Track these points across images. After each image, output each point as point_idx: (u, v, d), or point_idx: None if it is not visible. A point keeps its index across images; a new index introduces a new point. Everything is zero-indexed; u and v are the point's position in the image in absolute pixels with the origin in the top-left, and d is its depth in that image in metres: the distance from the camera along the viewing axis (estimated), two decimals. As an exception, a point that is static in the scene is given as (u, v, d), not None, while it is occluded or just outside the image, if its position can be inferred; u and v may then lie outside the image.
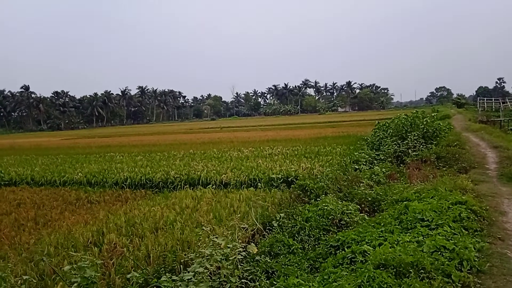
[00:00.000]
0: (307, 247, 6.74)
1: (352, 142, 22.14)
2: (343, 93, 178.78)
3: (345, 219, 7.62)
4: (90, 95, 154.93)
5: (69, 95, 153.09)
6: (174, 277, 4.38)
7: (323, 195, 9.11)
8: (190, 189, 13.08)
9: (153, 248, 6.82)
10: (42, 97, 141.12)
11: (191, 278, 4.24)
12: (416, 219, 6.82)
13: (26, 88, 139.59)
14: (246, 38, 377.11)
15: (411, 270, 4.79)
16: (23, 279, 4.32)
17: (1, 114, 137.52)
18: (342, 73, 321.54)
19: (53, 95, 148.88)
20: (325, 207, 7.78)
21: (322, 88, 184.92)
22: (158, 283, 4.61)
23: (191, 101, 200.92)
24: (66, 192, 14.04)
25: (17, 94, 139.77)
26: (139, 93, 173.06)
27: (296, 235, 7.13)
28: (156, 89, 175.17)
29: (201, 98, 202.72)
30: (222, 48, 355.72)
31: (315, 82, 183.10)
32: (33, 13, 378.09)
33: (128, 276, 4.49)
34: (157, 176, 14.70)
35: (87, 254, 6.36)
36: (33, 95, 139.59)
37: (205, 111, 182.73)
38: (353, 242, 6.10)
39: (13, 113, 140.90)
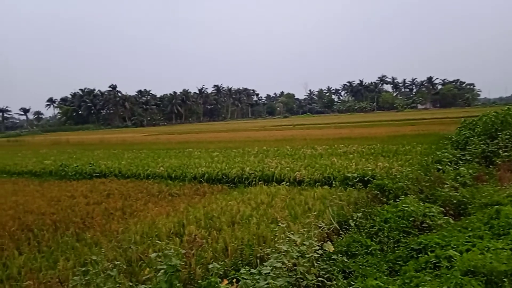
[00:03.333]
0: (386, 248, 6.52)
1: (433, 141, 20.93)
2: (424, 89, 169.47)
3: (427, 221, 7.25)
4: (170, 94, 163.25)
5: (151, 93, 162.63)
6: (252, 270, 4.47)
7: (403, 196, 8.75)
8: (264, 185, 13.26)
9: (230, 242, 7.02)
10: (127, 95, 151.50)
11: (269, 273, 4.30)
12: (509, 225, 6.28)
13: (114, 87, 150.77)
14: (320, 33, 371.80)
15: (505, 280, 4.42)
16: (114, 264, 4.67)
17: (92, 111, 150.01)
18: (422, 68, 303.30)
19: (137, 94, 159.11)
20: (405, 208, 7.47)
21: (400, 84, 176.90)
22: (236, 275, 4.75)
23: (264, 98, 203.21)
24: (150, 184, 14.90)
25: (106, 93, 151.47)
26: (215, 91, 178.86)
27: (374, 236, 6.93)
28: (231, 88, 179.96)
29: (274, 95, 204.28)
30: (295, 44, 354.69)
31: (393, 78, 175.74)
32: (118, 15, 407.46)
33: (210, 266, 4.67)
34: (232, 171, 15.07)
35: (170, 243, 6.73)
36: (119, 94, 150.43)
37: (277, 108, 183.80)
38: (437, 246, 5.78)
39: (102, 111, 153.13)
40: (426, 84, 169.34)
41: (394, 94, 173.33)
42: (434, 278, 4.80)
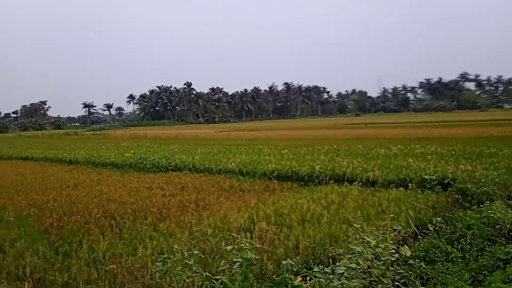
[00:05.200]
0: (468, 257, 6.09)
1: (523, 144, 19.18)
2: (511, 87, 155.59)
3: (516, 230, 6.66)
4: (241, 91, 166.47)
5: (223, 91, 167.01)
6: (325, 269, 4.42)
7: (488, 202, 8.14)
8: (335, 184, 13.01)
9: (301, 240, 6.99)
10: (201, 93, 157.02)
11: (343, 273, 4.21)
12: None
13: (189, 84, 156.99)
14: (396, 29, 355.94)
15: None
16: (193, 253, 4.85)
17: (168, 108, 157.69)
18: (508, 66, 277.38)
19: (209, 91, 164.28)
20: (491, 215, 6.95)
21: (484, 82, 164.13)
22: (308, 274, 4.71)
23: (335, 96, 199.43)
24: (221, 179, 15.26)
25: (181, 90, 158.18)
26: (285, 88, 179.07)
27: (455, 242, 6.51)
28: (301, 85, 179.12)
29: (345, 93, 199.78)
30: (370, 41, 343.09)
31: (476, 75, 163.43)
32: (195, 16, 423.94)
33: (284, 262, 4.69)
34: (302, 169, 14.97)
35: (242, 238, 6.85)
36: (193, 91, 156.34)
37: (349, 106, 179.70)
38: (528, 257, 5.29)
39: (177, 107, 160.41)
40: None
41: (477, 92, 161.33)
42: (526, 293, 4.41)
